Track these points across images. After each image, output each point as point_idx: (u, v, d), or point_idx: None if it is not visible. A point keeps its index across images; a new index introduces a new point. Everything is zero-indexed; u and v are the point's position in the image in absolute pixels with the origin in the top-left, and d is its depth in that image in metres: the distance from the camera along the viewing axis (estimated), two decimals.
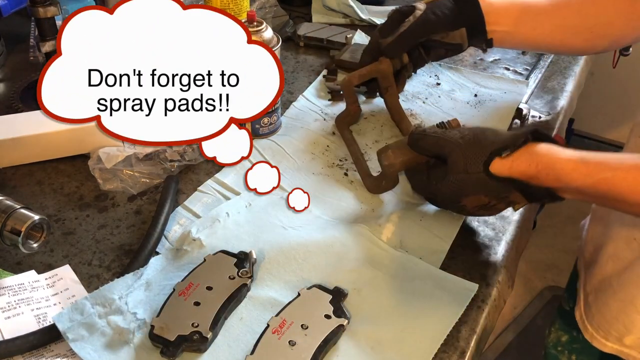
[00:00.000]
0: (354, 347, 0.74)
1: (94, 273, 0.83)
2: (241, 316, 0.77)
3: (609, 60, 1.83)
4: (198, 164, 1.01)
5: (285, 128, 1.10)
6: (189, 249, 0.85)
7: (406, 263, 0.85)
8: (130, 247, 0.87)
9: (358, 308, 0.78)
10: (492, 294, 0.82)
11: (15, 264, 0.84)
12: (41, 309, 0.77)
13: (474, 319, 0.78)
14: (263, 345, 0.71)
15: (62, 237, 0.89)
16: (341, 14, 1.43)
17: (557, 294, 2.10)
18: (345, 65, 1.23)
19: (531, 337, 1.95)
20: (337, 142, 1.07)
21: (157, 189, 0.97)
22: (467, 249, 0.88)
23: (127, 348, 0.73)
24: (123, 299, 0.76)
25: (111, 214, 0.93)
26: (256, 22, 0.99)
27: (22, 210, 0.81)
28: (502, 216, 0.93)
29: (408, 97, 1.19)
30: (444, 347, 0.74)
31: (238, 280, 0.79)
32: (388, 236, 0.89)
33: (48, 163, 1.01)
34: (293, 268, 0.83)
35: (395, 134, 1.10)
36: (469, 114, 1.15)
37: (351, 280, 0.81)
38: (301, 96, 1.18)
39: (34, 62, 1.24)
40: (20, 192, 0.96)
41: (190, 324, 0.73)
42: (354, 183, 0.99)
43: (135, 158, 0.98)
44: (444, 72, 1.26)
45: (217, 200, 0.94)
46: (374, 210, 0.94)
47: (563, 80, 1.26)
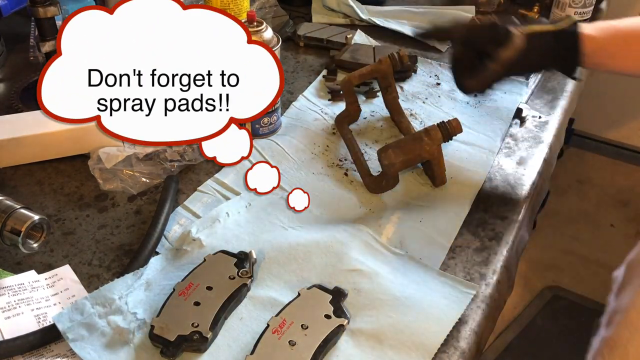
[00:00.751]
0: (354, 347, 0.74)
1: (94, 273, 0.83)
2: (241, 316, 0.77)
3: None
4: (198, 164, 1.01)
5: (285, 128, 1.10)
6: (189, 249, 0.85)
7: (406, 263, 0.85)
8: (130, 247, 0.87)
9: (358, 308, 0.78)
10: (492, 294, 0.82)
11: (15, 264, 0.84)
12: (41, 309, 0.77)
13: (474, 319, 0.78)
14: (263, 345, 0.71)
15: (62, 237, 0.89)
16: (341, 14, 1.43)
17: (557, 294, 2.10)
18: (345, 65, 1.23)
19: (531, 337, 1.95)
20: (337, 142, 1.07)
21: (157, 189, 0.97)
22: (467, 249, 0.88)
23: (127, 348, 0.73)
24: (123, 299, 0.76)
25: (111, 214, 0.93)
26: (256, 22, 0.99)
27: (22, 210, 0.81)
28: (502, 216, 0.94)
29: (408, 97, 1.19)
30: (444, 347, 0.74)
31: (238, 280, 0.79)
32: (388, 236, 0.89)
33: (48, 163, 1.01)
34: (293, 268, 0.83)
35: (395, 134, 1.10)
36: (469, 114, 1.14)
37: (351, 280, 0.81)
38: (301, 96, 1.18)
39: (34, 62, 1.24)
40: (20, 192, 0.96)
41: (190, 324, 0.73)
42: (354, 183, 0.99)
43: (135, 158, 0.98)
44: (444, 72, 1.26)
45: (217, 200, 0.94)
46: (374, 211, 0.94)
47: (563, 80, 1.26)
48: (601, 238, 2.31)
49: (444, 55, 1.32)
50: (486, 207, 0.95)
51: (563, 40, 0.89)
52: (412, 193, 0.97)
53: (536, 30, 0.90)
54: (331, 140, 1.08)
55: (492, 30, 0.90)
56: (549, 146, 1.09)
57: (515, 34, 0.88)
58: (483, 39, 0.91)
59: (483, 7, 1.48)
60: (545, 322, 2.00)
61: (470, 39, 0.93)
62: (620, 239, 2.31)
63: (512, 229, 0.92)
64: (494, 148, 1.07)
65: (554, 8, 1.42)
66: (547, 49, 0.90)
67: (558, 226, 2.35)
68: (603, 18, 1.52)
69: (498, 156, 1.06)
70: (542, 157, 1.06)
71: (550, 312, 2.04)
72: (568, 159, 2.58)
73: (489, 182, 1.00)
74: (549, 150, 1.09)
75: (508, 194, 0.98)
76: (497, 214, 0.94)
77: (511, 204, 0.96)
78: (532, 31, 0.89)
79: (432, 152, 0.93)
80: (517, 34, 0.88)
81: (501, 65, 0.89)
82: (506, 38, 0.88)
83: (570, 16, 0.96)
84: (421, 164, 1.00)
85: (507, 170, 1.03)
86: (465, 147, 1.06)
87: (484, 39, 0.91)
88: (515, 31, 0.88)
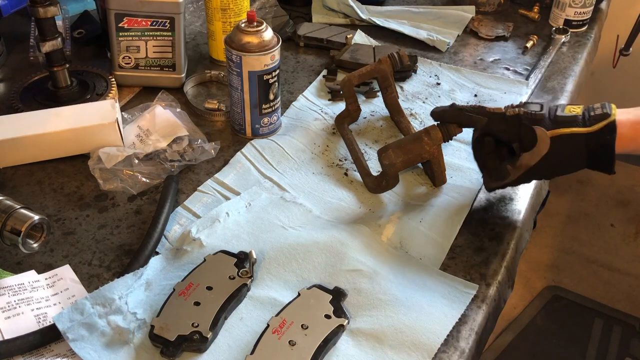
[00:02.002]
0: (354, 347, 0.74)
1: (94, 273, 0.83)
2: (241, 316, 0.77)
3: (609, 60, 1.83)
4: (198, 164, 1.01)
5: (285, 128, 1.10)
6: (189, 249, 0.85)
7: (406, 263, 0.85)
8: (130, 247, 0.87)
9: (358, 308, 0.78)
10: (492, 294, 0.82)
11: (15, 264, 0.84)
12: (41, 309, 0.77)
13: (474, 319, 0.78)
14: (263, 345, 0.71)
15: (62, 237, 0.89)
16: (341, 14, 1.43)
17: (557, 294, 2.10)
18: (345, 65, 1.23)
19: (531, 337, 1.95)
20: (337, 142, 1.07)
21: (157, 189, 0.97)
22: (467, 249, 0.88)
23: (127, 348, 0.73)
24: (123, 299, 0.76)
25: (111, 214, 0.93)
26: (256, 22, 0.99)
27: (22, 210, 0.81)
28: (502, 216, 0.94)
29: (408, 97, 1.19)
30: (444, 347, 0.74)
31: (238, 280, 0.79)
32: (388, 236, 0.89)
33: (48, 163, 1.01)
34: (293, 268, 0.83)
35: (395, 134, 1.10)
36: None
37: (351, 280, 0.81)
38: (301, 96, 1.18)
39: (34, 62, 1.24)
40: (20, 192, 0.96)
41: (190, 324, 0.73)
42: (354, 183, 0.99)
43: (135, 158, 0.98)
44: (444, 72, 1.26)
45: (217, 200, 0.94)
46: (374, 211, 0.94)
47: (563, 80, 1.26)
48: (601, 238, 2.31)
49: (444, 55, 1.32)
50: (486, 207, 0.95)
51: (596, 144, 0.80)
52: (412, 193, 0.97)
53: (565, 133, 0.81)
54: (331, 140, 1.08)
55: (516, 126, 0.84)
56: None
57: (540, 138, 0.81)
58: (504, 136, 0.86)
59: (483, 7, 1.48)
60: (545, 322, 2.01)
61: (492, 131, 0.88)
62: (620, 239, 2.31)
63: (512, 229, 0.92)
64: None
65: (554, 8, 1.42)
66: (575, 154, 0.82)
67: (558, 226, 2.35)
68: (603, 18, 1.53)
69: None
70: None
71: (550, 312, 2.04)
72: None
73: None
74: None
75: (508, 194, 0.98)
76: (497, 214, 0.94)
77: (511, 204, 0.96)
78: (561, 133, 0.81)
79: (432, 152, 0.93)
80: (542, 137, 0.81)
81: (522, 171, 0.85)
82: (530, 140, 0.83)
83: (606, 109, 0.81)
84: (421, 164, 1.00)
85: None
86: (465, 147, 1.06)
87: (506, 136, 0.86)
88: (541, 133, 0.81)
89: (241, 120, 1.05)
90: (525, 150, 0.84)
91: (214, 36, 1.25)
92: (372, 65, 1.09)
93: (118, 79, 1.16)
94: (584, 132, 0.80)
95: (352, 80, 1.09)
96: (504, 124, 0.85)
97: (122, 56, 1.15)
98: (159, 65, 1.16)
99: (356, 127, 1.11)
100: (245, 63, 0.98)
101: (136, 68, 1.16)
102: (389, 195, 0.96)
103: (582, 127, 0.81)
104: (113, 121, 0.99)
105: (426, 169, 1.00)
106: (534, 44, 1.36)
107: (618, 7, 1.79)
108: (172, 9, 1.11)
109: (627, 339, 1.95)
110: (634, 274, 2.18)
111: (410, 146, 0.93)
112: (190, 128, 1.06)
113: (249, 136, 1.07)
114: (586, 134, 0.80)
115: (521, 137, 0.84)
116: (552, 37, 1.38)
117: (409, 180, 0.99)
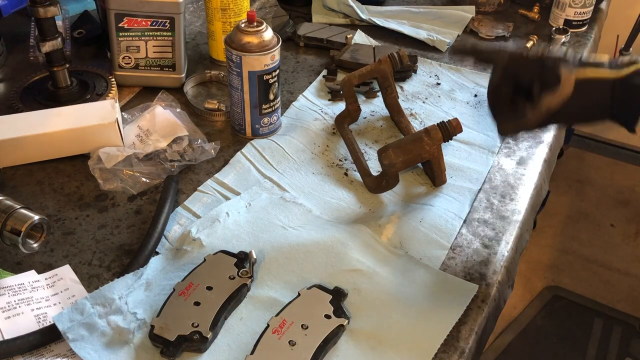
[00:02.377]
0: (354, 347, 0.74)
1: (94, 273, 0.83)
2: (241, 316, 0.77)
3: None
4: (198, 164, 1.01)
5: (285, 128, 1.10)
6: (189, 249, 0.85)
7: (406, 263, 0.85)
8: (130, 247, 0.87)
9: (358, 308, 0.78)
10: (492, 294, 0.82)
11: (15, 264, 0.84)
12: (41, 309, 0.77)
13: (474, 319, 0.78)
14: (263, 345, 0.71)
15: (62, 237, 0.89)
16: (341, 14, 1.43)
17: (557, 294, 2.10)
18: (345, 65, 1.23)
19: (531, 337, 1.95)
20: (337, 142, 1.07)
21: (157, 189, 0.97)
22: (467, 249, 0.88)
23: (127, 348, 0.73)
24: (123, 299, 0.76)
25: (111, 214, 0.93)
26: (256, 22, 0.99)
27: (22, 210, 0.81)
28: (502, 216, 0.94)
29: (408, 97, 1.19)
30: (444, 347, 0.74)
31: (238, 280, 0.79)
32: (388, 236, 0.89)
33: (48, 163, 1.01)
34: (293, 268, 0.83)
35: (395, 134, 1.10)
36: (469, 114, 1.14)
37: (351, 280, 0.81)
38: (301, 96, 1.18)
39: (34, 62, 1.24)
40: (20, 192, 0.96)
41: (190, 324, 0.73)
42: (354, 183, 0.99)
43: (135, 158, 0.98)
44: (444, 72, 1.26)
45: (217, 200, 0.94)
46: (374, 211, 0.94)
47: None
48: (601, 238, 2.31)
49: (444, 55, 1.32)
50: (486, 207, 0.95)
51: (624, 92, 0.74)
52: (412, 193, 0.97)
53: (590, 77, 0.76)
54: (331, 140, 1.08)
55: (539, 67, 0.78)
56: (549, 146, 1.09)
57: (564, 78, 0.75)
58: (525, 75, 0.79)
59: (483, 7, 1.48)
60: (545, 322, 2.01)
61: (512, 70, 0.80)
62: (620, 239, 2.31)
63: (512, 229, 0.92)
64: (494, 148, 1.07)
65: (554, 8, 1.42)
66: (600, 100, 0.76)
67: (558, 226, 2.35)
68: (603, 18, 1.53)
69: (498, 156, 1.06)
70: (542, 157, 1.06)
71: (550, 312, 2.04)
72: (568, 159, 2.58)
73: (489, 182, 1.00)
74: (549, 150, 1.09)
75: (508, 194, 0.98)
76: (497, 214, 0.94)
77: (511, 204, 0.96)
78: (586, 77, 0.75)
79: (432, 152, 0.93)
80: (566, 78, 0.75)
81: (542, 114, 0.77)
82: (553, 80, 0.76)
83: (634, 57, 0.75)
84: (421, 164, 1.00)
85: (507, 170, 1.03)
86: (465, 147, 1.06)
87: (527, 75, 0.79)
88: (566, 73, 0.75)
89: (241, 120, 1.05)
90: (547, 91, 0.76)
91: (214, 36, 1.25)
92: (372, 65, 1.09)
93: (118, 79, 1.16)
94: (612, 77, 0.74)
95: (352, 80, 1.09)
96: (526, 62, 0.79)
97: (122, 56, 1.15)
98: (159, 65, 1.16)
99: (356, 127, 1.11)
100: (245, 63, 0.98)
101: (136, 68, 1.16)
102: (389, 195, 0.96)
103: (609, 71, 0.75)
104: (113, 121, 0.99)
105: (426, 169, 1.00)
106: (534, 44, 1.36)
107: (618, 7, 1.79)
108: (172, 9, 1.11)
109: (627, 339, 1.96)
110: (634, 274, 2.18)
111: (410, 146, 0.93)
112: (190, 128, 1.06)
113: (249, 136, 1.07)
114: (614, 79, 0.74)
115: (543, 77, 0.76)
116: (552, 37, 1.38)
117: (409, 180, 0.99)
